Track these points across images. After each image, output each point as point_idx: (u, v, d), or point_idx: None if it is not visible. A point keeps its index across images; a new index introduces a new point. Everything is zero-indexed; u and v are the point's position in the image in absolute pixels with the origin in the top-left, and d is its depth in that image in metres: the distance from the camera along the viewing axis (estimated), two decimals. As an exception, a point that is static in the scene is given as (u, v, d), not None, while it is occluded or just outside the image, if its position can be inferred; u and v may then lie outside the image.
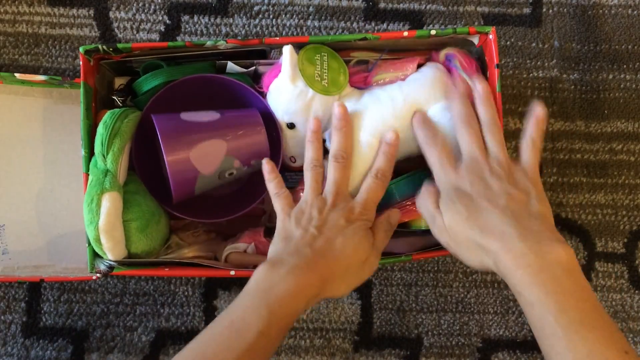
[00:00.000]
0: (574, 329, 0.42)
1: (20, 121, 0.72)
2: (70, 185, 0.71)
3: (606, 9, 0.78)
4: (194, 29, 0.77)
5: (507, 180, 0.50)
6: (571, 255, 0.44)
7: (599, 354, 0.41)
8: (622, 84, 0.78)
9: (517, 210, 0.47)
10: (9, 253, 0.70)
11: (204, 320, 0.74)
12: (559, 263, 0.44)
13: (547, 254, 0.44)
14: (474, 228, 0.47)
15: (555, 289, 0.43)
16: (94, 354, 0.73)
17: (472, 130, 0.54)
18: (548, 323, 0.43)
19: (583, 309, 0.43)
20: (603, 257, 0.76)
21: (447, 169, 0.53)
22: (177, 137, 0.58)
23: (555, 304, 0.43)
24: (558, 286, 0.43)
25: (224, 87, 0.62)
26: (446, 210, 0.50)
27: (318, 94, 0.58)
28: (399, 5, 0.78)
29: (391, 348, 0.75)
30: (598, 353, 0.41)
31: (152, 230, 0.60)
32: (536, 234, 0.46)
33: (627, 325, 0.75)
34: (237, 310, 0.48)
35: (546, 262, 0.44)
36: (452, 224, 0.49)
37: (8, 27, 0.76)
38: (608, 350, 0.41)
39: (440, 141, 0.55)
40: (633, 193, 0.77)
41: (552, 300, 0.43)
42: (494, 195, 0.48)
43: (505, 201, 0.48)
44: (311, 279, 0.49)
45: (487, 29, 0.61)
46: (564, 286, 0.43)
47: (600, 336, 0.42)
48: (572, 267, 0.44)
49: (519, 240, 0.45)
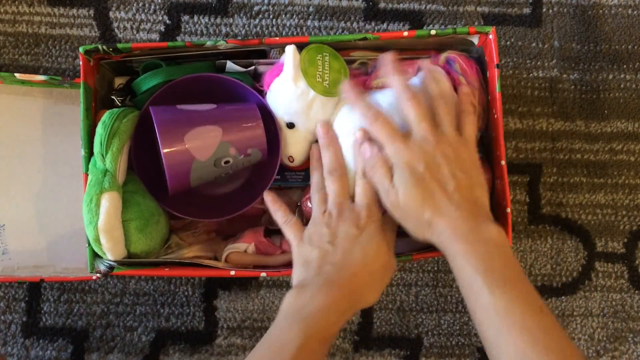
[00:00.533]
0: (497, 285, 0.49)
1: (20, 121, 0.72)
2: (70, 185, 0.71)
3: (606, 9, 0.78)
4: (194, 29, 0.77)
5: (455, 161, 0.54)
6: (502, 234, 0.52)
7: (517, 306, 0.48)
8: (622, 84, 0.78)
9: (462, 194, 0.53)
10: (9, 253, 0.70)
11: (204, 320, 0.74)
12: (492, 238, 0.51)
13: (482, 232, 0.51)
14: (426, 209, 0.52)
15: (484, 255, 0.50)
16: (94, 354, 0.73)
17: (419, 103, 0.55)
18: (476, 281, 0.49)
19: (506, 272, 0.50)
20: (603, 257, 0.76)
21: (398, 145, 0.54)
22: (172, 121, 0.58)
23: (483, 266, 0.50)
24: (487, 253, 0.51)
25: (223, 86, 0.62)
26: (402, 189, 0.53)
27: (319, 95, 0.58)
28: (399, 5, 0.78)
29: (391, 348, 0.75)
30: (516, 306, 0.48)
31: (151, 230, 0.60)
32: (475, 216, 0.52)
33: (627, 325, 0.75)
34: (273, 333, 0.51)
35: (481, 237, 0.51)
36: (407, 202, 0.53)
37: (8, 27, 0.76)
38: (524, 304, 0.49)
39: (383, 115, 0.56)
40: (633, 193, 0.77)
41: (481, 263, 0.50)
42: (444, 179, 0.53)
43: (453, 187, 0.53)
44: (339, 294, 0.52)
45: (487, 29, 0.61)
46: (493, 254, 0.51)
47: (519, 294, 0.49)
48: (502, 243, 0.52)
49: (461, 220, 0.52)
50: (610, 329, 0.75)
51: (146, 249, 0.60)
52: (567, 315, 0.75)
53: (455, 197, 0.52)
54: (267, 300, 0.75)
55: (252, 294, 0.75)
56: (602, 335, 0.75)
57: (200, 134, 0.58)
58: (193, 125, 0.58)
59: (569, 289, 0.76)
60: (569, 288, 0.76)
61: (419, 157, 0.53)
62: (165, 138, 0.56)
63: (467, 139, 0.56)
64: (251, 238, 0.64)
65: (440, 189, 0.53)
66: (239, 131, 0.60)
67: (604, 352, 0.75)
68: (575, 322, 0.75)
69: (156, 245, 0.62)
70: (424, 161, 0.53)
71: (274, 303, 0.75)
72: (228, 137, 0.59)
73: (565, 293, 0.76)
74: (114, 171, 0.58)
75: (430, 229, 0.53)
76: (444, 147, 0.54)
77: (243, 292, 0.75)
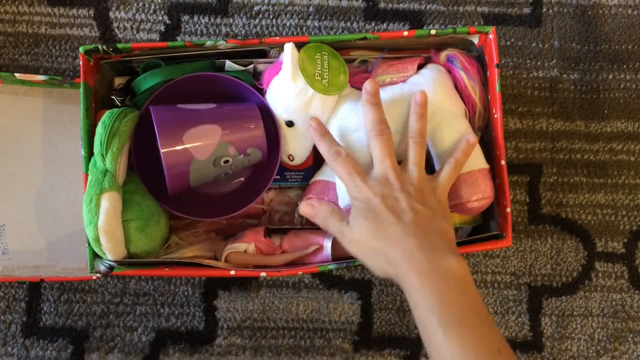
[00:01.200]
0: (451, 326, 0.45)
1: (20, 121, 0.72)
2: (70, 185, 0.72)
3: (606, 9, 0.78)
4: (194, 29, 0.77)
5: (416, 197, 0.52)
6: (463, 267, 0.49)
7: (471, 350, 0.44)
8: (622, 84, 0.78)
9: (421, 225, 0.50)
10: (9, 253, 0.70)
11: (204, 320, 0.74)
12: (450, 271, 0.48)
13: (440, 263, 0.48)
14: (379, 241, 0.50)
15: (441, 291, 0.47)
16: (94, 354, 0.73)
17: (385, 141, 0.54)
18: (430, 321, 0.46)
19: (463, 310, 0.47)
20: (603, 257, 0.76)
21: (357, 182, 0.53)
22: (171, 120, 0.58)
23: (438, 303, 0.46)
24: (444, 289, 0.47)
25: (222, 85, 0.63)
26: (356, 225, 0.52)
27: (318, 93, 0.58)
28: (399, 5, 0.78)
29: (391, 348, 0.75)
30: (470, 349, 0.44)
31: (151, 230, 0.60)
32: (434, 247, 0.49)
33: (627, 325, 0.75)
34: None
35: (437, 269, 0.48)
36: (361, 237, 0.52)
37: (8, 27, 0.76)
38: (480, 347, 0.45)
39: (345, 152, 0.55)
40: (633, 193, 0.77)
41: (436, 300, 0.47)
42: (401, 211, 0.51)
43: (410, 217, 0.50)
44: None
45: (487, 29, 0.61)
46: (450, 289, 0.47)
47: (476, 335, 0.45)
48: (463, 277, 0.48)
49: (417, 250, 0.49)
50: (610, 329, 0.75)
51: (146, 248, 0.60)
52: (567, 315, 0.75)
53: (411, 227, 0.50)
54: (267, 300, 0.75)
55: (252, 294, 0.75)
56: (602, 335, 0.75)
57: (199, 133, 0.58)
58: (192, 124, 0.58)
59: (569, 289, 0.76)
60: (569, 288, 0.76)
61: (375, 192, 0.52)
62: (164, 137, 0.56)
63: (438, 181, 0.55)
64: (251, 238, 0.64)
65: (396, 219, 0.51)
66: (239, 131, 0.60)
67: (604, 352, 0.75)
68: (575, 322, 0.75)
69: (156, 245, 0.62)
70: (380, 195, 0.52)
71: (274, 303, 0.75)
72: (227, 137, 0.59)
73: (565, 293, 0.76)
74: (114, 171, 0.58)
75: (387, 261, 0.51)
76: (406, 185, 0.53)
77: (243, 292, 0.75)
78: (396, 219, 0.51)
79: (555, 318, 0.75)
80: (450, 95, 0.61)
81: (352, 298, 0.75)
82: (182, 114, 0.59)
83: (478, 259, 0.76)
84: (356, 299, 0.75)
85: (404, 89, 0.61)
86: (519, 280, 0.76)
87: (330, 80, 0.59)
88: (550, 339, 0.75)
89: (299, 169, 0.67)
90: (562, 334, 0.75)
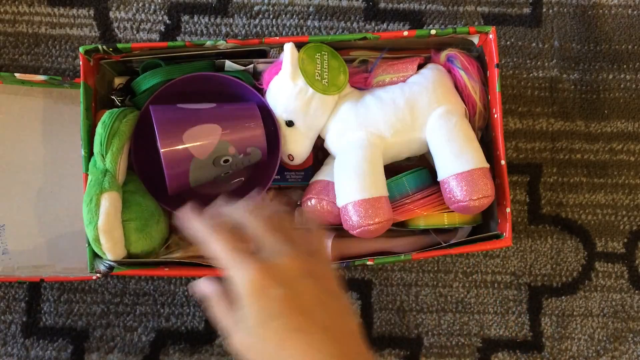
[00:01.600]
0: None
1: (20, 121, 0.72)
2: (70, 185, 0.71)
3: (606, 9, 0.78)
4: (194, 29, 0.77)
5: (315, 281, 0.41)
6: None
7: None
8: (622, 84, 0.78)
9: (334, 330, 0.41)
10: (9, 253, 0.70)
11: (204, 320, 0.74)
12: None
13: None
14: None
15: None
16: (94, 354, 0.73)
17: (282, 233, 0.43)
18: None
19: None
20: (603, 257, 0.76)
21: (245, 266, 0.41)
22: (171, 120, 0.58)
23: None
24: None
25: (222, 85, 0.63)
26: (249, 334, 0.40)
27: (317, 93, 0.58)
28: (399, 5, 0.78)
29: (391, 348, 0.75)
30: None
31: (151, 230, 0.60)
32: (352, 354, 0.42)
33: (627, 325, 0.75)
34: None
35: None
36: (257, 355, 0.40)
37: (8, 27, 0.76)
38: None
39: (227, 229, 0.43)
40: (633, 193, 0.77)
41: None
42: (308, 309, 0.40)
43: (320, 316, 0.40)
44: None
45: (487, 29, 0.61)
46: None
47: None
48: None
49: None
50: (610, 329, 0.75)
51: (146, 249, 0.60)
52: (567, 315, 0.75)
53: (328, 334, 0.40)
54: (267, 300, 0.75)
55: (252, 294, 0.75)
56: (602, 335, 0.75)
57: (199, 133, 0.58)
58: (192, 123, 0.58)
59: (569, 289, 0.76)
60: (569, 288, 0.76)
61: (271, 283, 0.40)
62: (164, 137, 0.56)
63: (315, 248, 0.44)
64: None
65: (307, 322, 0.39)
66: (239, 130, 0.60)
67: (604, 352, 0.75)
68: (575, 322, 0.75)
69: (156, 245, 0.62)
70: (277, 284, 0.40)
71: (274, 303, 0.75)
72: (227, 136, 0.59)
73: (565, 293, 0.76)
74: (114, 171, 0.58)
75: None
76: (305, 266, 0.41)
77: (243, 292, 0.75)
78: (306, 322, 0.39)
79: (555, 318, 0.75)
80: (450, 95, 0.61)
81: (352, 298, 0.75)
82: (181, 113, 0.59)
83: (478, 259, 0.76)
84: (356, 298, 0.75)
85: (404, 89, 0.61)
86: (519, 280, 0.76)
87: (330, 80, 0.59)
88: (550, 339, 0.75)
89: (299, 169, 0.67)
90: (562, 334, 0.75)
